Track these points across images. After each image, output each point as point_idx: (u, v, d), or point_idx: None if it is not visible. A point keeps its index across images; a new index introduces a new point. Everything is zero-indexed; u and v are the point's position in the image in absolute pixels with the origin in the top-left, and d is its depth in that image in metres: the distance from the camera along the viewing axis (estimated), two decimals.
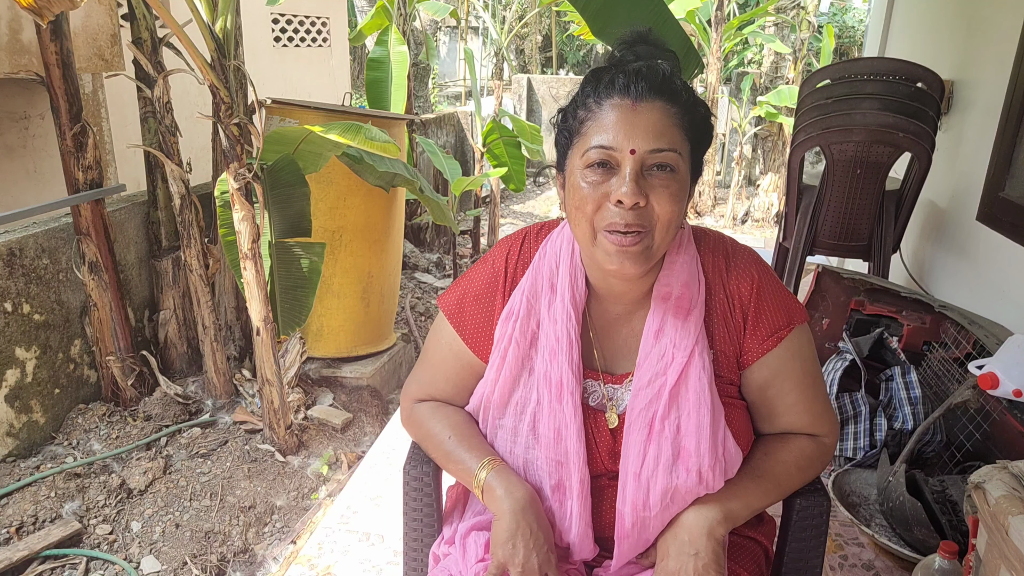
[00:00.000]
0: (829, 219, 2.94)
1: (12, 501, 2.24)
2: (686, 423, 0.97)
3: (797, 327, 1.04)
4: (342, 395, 3.16)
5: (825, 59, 7.20)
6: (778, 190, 6.93)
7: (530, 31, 12.03)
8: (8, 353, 2.43)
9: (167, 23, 2.21)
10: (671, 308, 1.00)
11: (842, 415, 2.27)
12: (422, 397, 1.18)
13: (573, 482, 1.00)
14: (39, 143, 3.40)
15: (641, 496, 0.98)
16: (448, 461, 1.10)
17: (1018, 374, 1.75)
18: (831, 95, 2.77)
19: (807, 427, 1.07)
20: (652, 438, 0.98)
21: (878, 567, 1.91)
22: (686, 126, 0.93)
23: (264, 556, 2.27)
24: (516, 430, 1.04)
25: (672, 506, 0.99)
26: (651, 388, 0.99)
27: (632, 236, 0.90)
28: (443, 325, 1.13)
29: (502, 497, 1.00)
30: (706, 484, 0.97)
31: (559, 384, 1.00)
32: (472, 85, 5.32)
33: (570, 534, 1.03)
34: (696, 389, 0.97)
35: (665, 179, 0.91)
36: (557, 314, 1.02)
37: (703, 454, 0.96)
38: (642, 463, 0.98)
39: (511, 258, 1.09)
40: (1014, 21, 2.52)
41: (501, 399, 1.05)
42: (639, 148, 0.89)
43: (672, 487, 0.97)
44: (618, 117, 0.91)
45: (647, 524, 1.00)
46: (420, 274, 4.98)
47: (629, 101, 0.91)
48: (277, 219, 2.55)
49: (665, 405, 0.98)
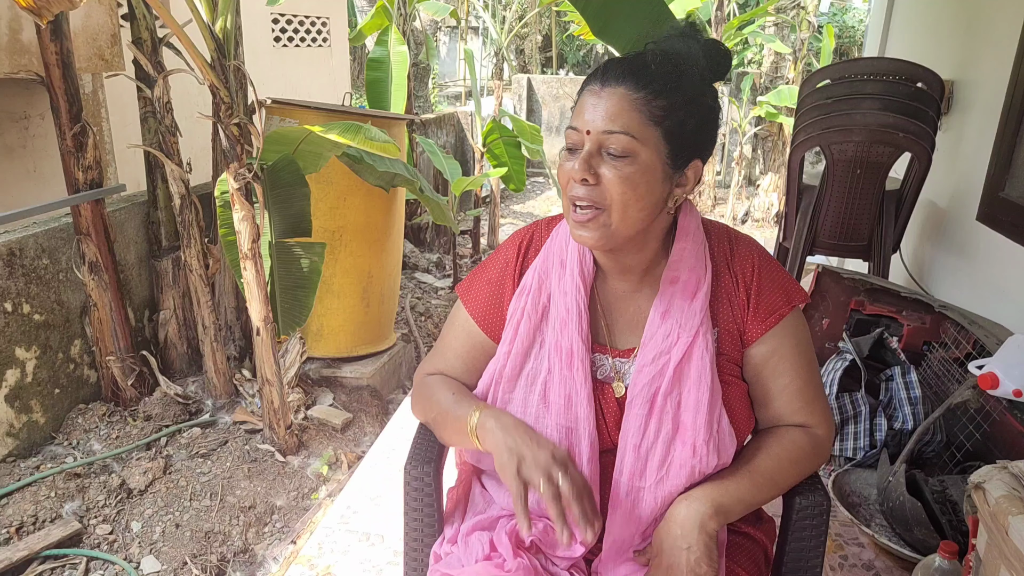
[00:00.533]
0: (829, 219, 2.94)
1: (12, 501, 2.24)
2: (686, 399, 1.01)
3: (795, 308, 1.07)
4: (342, 395, 3.16)
5: (825, 59, 7.20)
6: (778, 190, 6.93)
7: (530, 31, 12.03)
8: (8, 353, 2.43)
9: (167, 23, 2.21)
10: (678, 291, 1.04)
11: (842, 415, 2.27)
12: (433, 372, 1.21)
13: (583, 448, 1.03)
14: (39, 143, 3.39)
15: (639, 466, 1.02)
16: (447, 421, 1.11)
17: (1018, 374, 1.75)
18: (831, 95, 2.77)
19: (799, 412, 1.07)
20: (653, 413, 1.02)
21: (878, 567, 1.91)
22: (653, 113, 0.95)
23: (264, 556, 2.27)
24: (526, 401, 1.07)
25: (666, 479, 1.01)
26: (655, 365, 1.02)
27: (584, 211, 0.96)
28: (458, 308, 1.18)
29: (493, 428, 1.00)
30: (699, 458, 1.00)
31: (569, 352, 1.04)
32: (472, 85, 5.32)
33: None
34: (698, 368, 1.01)
35: (617, 163, 0.95)
36: (567, 287, 1.06)
37: (699, 428, 1.00)
38: (642, 436, 1.02)
39: (522, 246, 1.15)
40: (1014, 21, 2.52)
41: (512, 371, 1.09)
42: (593, 129, 0.95)
43: (669, 459, 1.01)
44: (585, 101, 0.97)
45: (640, 496, 1.03)
46: (420, 274, 4.98)
47: (597, 86, 0.96)
48: (277, 219, 2.55)
49: (669, 382, 1.01)
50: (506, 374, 1.09)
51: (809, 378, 1.08)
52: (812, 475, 1.12)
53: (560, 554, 1.08)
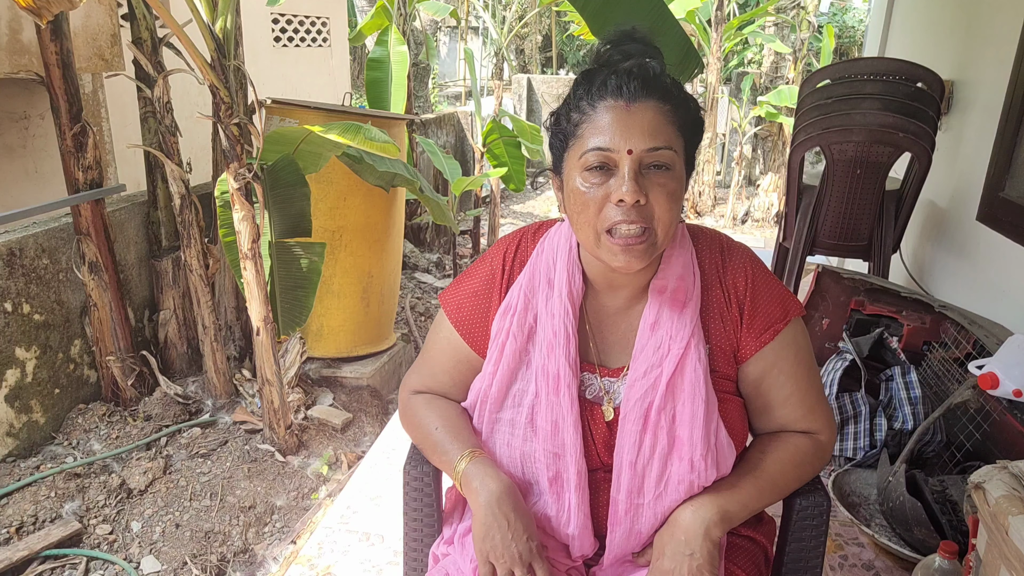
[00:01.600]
0: (829, 219, 2.94)
1: (12, 501, 2.24)
2: (681, 413, 0.99)
3: (792, 320, 1.05)
4: (342, 395, 3.16)
5: (825, 59, 7.20)
6: (778, 190, 6.93)
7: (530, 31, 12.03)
8: (8, 353, 2.43)
9: (167, 23, 2.21)
10: (667, 301, 1.01)
11: (842, 415, 2.27)
12: (420, 389, 1.19)
13: (570, 474, 1.02)
14: (39, 143, 3.39)
15: (636, 483, 1.00)
16: (435, 452, 1.11)
17: (1018, 374, 1.75)
18: (831, 95, 2.77)
19: (802, 420, 1.07)
20: (648, 428, 1.00)
21: (878, 567, 1.91)
22: (679, 123, 0.95)
23: (264, 556, 2.27)
24: (514, 423, 1.06)
25: (665, 495, 1.00)
26: (647, 379, 1.00)
27: (636, 235, 0.92)
28: (442, 320, 1.15)
29: (477, 489, 1.00)
30: (697, 473, 0.98)
31: (556, 377, 1.02)
32: (472, 85, 5.32)
33: (569, 527, 1.03)
34: (691, 380, 0.99)
35: (663, 178, 0.92)
36: (554, 309, 1.03)
37: (696, 443, 0.98)
38: (637, 452, 1.00)
39: (508, 256, 1.11)
40: (1014, 21, 2.52)
41: (499, 392, 1.06)
42: (636, 148, 0.90)
43: (666, 475, 0.99)
44: (613, 119, 0.91)
45: (640, 512, 1.01)
46: (420, 274, 4.98)
47: (623, 102, 0.92)
48: (277, 219, 2.55)
49: (662, 396, 0.99)
50: (492, 395, 1.07)
51: (810, 386, 1.07)
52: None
53: (559, 559, 1.08)
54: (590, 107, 0.94)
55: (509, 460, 1.07)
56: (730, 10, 7.27)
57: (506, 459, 1.07)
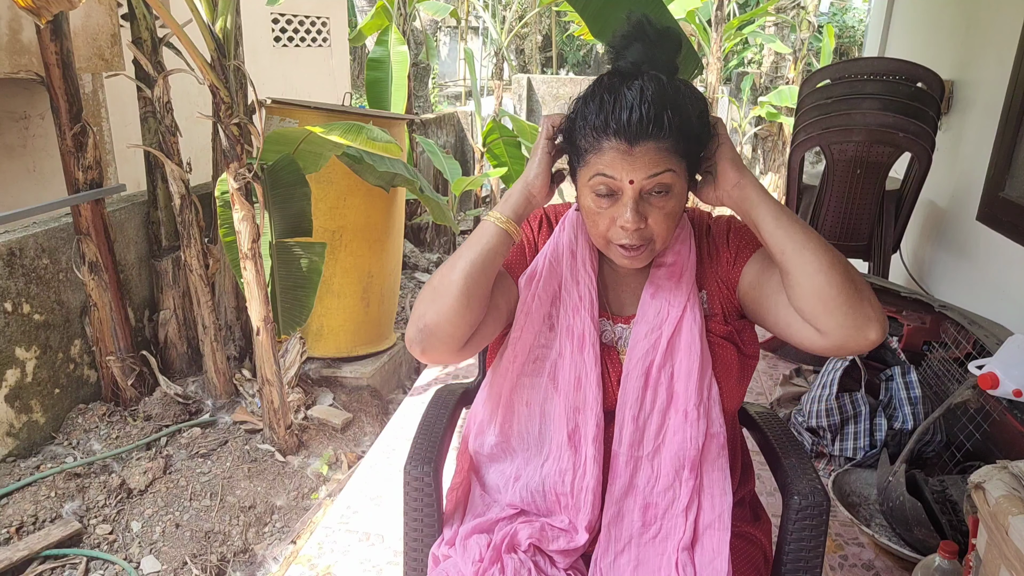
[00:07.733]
0: (829, 219, 2.94)
1: (12, 501, 2.24)
2: (678, 369, 1.09)
3: None
4: (342, 395, 3.16)
5: (825, 59, 7.20)
6: (778, 190, 6.93)
7: (530, 31, 12.03)
8: (8, 353, 2.43)
9: (167, 23, 2.21)
10: (663, 274, 1.12)
11: (842, 415, 2.27)
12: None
13: (590, 427, 1.09)
14: (39, 143, 3.40)
15: (637, 436, 1.09)
16: (460, 252, 1.05)
17: (1018, 374, 1.75)
18: (831, 95, 2.78)
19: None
20: (649, 384, 1.09)
21: (878, 567, 1.91)
22: (680, 148, 0.99)
23: (264, 556, 2.27)
24: (534, 383, 1.14)
25: (662, 447, 1.08)
26: (648, 340, 1.10)
27: (637, 246, 1.03)
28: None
29: (506, 193, 1.10)
30: (691, 422, 1.07)
31: (581, 336, 1.11)
32: (472, 85, 5.32)
33: (584, 479, 1.09)
34: (687, 339, 1.09)
35: (662, 201, 1.01)
36: (579, 276, 1.14)
37: (690, 395, 1.07)
38: (640, 407, 1.09)
39: (534, 226, 1.22)
40: (1014, 21, 2.52)
41: (522, 353, 1.14)
42: (637, 178, 0.99)
43: (664, 427, 1.09)
44: (615, 157, 0.99)
45: (639, 466, 1.09)
46: (420, 274, 4.98)
47: (625, 145, 0.98)
48: (277, 219, 2.55)
49: (662, 355, 1.09)
50: (516, 355, 1.14)
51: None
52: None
53: (561, 547, 1.08)
54: (595, 139, 1.00)
55: (528, 419, 1.15)
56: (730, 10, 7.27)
57: (525, 418, 1.15)
